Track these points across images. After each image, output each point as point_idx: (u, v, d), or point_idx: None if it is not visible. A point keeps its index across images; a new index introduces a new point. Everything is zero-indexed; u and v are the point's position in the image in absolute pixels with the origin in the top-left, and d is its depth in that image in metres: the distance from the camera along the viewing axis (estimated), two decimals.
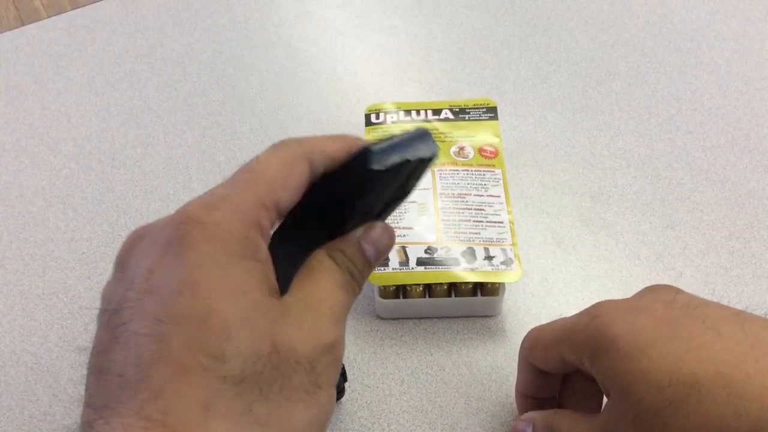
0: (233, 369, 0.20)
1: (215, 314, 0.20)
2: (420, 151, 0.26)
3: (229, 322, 0.20)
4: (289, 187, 0.24)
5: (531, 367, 0.34)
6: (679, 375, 0.25)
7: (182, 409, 0.19)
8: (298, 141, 0.25)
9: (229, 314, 0.20)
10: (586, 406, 0.33)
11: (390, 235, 0.27)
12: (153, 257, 0.21)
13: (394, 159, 0.25)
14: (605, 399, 0.33)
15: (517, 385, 0.36)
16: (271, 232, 0.25)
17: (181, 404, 0.19)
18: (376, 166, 0.24)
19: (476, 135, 0.47)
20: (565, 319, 0.32)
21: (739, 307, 0.28)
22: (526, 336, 0.34)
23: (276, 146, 0.25)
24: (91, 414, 0.20)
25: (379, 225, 0.27)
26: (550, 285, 0.44)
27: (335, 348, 0.23)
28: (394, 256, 0.41)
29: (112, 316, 0.21)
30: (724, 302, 0.29)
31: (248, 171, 0.24)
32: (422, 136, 0.26)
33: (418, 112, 0.48)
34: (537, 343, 0.33)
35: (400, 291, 0.42)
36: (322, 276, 0.25)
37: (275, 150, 0.25)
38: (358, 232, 0.27)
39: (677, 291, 0.30)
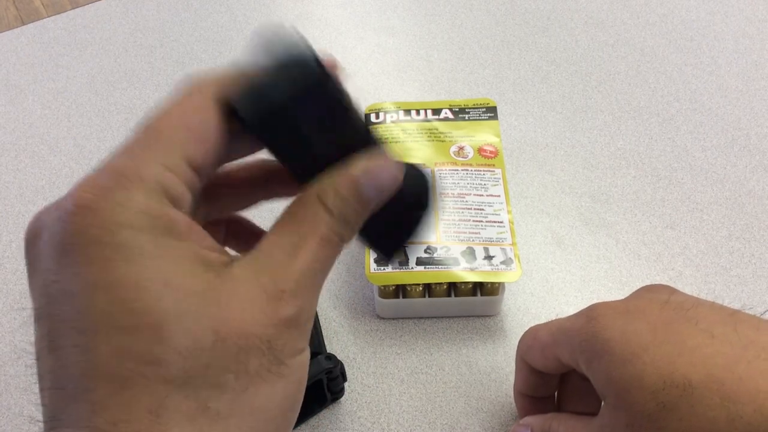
0: (174, 370, 0.18)
1: (139, 315, 0.18)
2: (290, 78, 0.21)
3: (156, 320, 0.18)
4: (202, 142, 0.20)
5: (528, 367, 0.34)
6: (672, 379, 0.25)
7: (131, 419, 0.17)
8: (210, 80, 0.21)
9: (154, 311, 0.18)
10: (584, 405, 0.33)
11: (391, 167, 0.23)
12: (55, 257, 0.18)
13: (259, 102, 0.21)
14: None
15: (515, 384, 0.36)
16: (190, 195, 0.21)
17: (128, 414, 0.17)
18: (246, 115, 0.20)
19: (476, 135, 0.47)
20: (561, 320, 0.32)
21: (737, 306, 0.28)
22: (522, 336, 0.34)
23: (183, 91, 0.21)
24: (44, 427, 0.18)
25: (374, 156, 0.22)
26: (550, 285, 0.44)
27: (299, 319, 0.20)
28: None
29: (37, 322, 0.19)
30: (725, 302, 0.29)
31: (146, 131, 0.20)
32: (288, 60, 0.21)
33: (417, 111, 0.48)
34: (533, 344, 0.33)
35: (400, 291, 0.42)
36: (301, 226, 0.21)
37: (182, 98, 0.21)
38: (354, 165, 0.22)
39: (672, 291, 0.30)
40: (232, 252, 0.23)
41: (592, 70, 0.59)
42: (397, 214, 0.25)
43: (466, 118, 0.48)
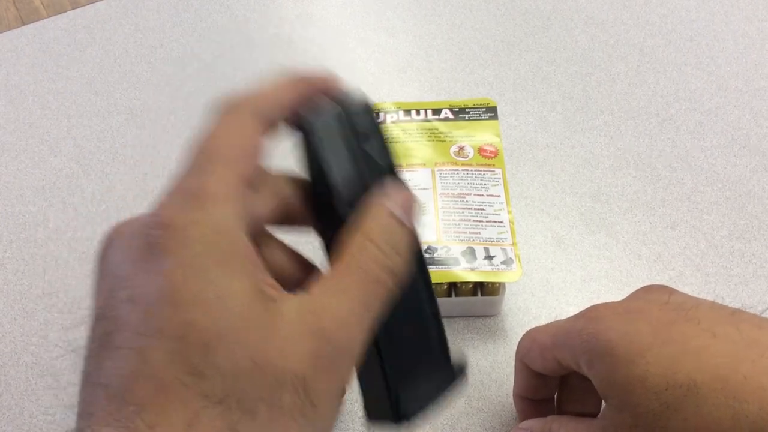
0: (214, 386, 0.19)
1: (193, 328, 0.19)
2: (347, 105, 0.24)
3: (206, 337, 0.19)
4: (250, 156, 0.22)
5: (528, 370, 0.34)
6: (675, 379, 0.25)
7: (167, 426, 0.18)
8: (246, 99, 0.23)
9: (206, 327, 0.19)
10: (584, 406, 0.33)
11: (407, 192, 0.23)
12: (130, 266, 0.20)
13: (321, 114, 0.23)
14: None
15: (514, 387, 0.36)
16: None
17: (166, 420, 0.18)
18: (311, 121, 0.23)
19: (476, 135, 0.47)
20: (560, 322, 0.32)
21: (737, 306, 0.28)
22: (521, 339, 0.34)
23: (223, 112, 0.23)
24: (80, 422, 0.19)
25: (390, 186, 0.23)
26: (550, 285, 0.44)
27: (337, 360, 0.20)
28: None
29: (98, 322, 0.20)
30: (725, 302, 0.29)
31: (205, 152, 0.22)
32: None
33: (417, 111, 0.48)
34: (533, 346, 0.33)
35: None
36: (349, 268, 0.21)
37: (221, 118, 0.22)
38: (384, 198, 0.23)
39: (671, 292, 0.30)
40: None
41: (592, 70, 0.59)
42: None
43: (466, 118, 0.48)
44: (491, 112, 0.48)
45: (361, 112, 0.24)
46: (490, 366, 0.41)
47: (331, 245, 0.23)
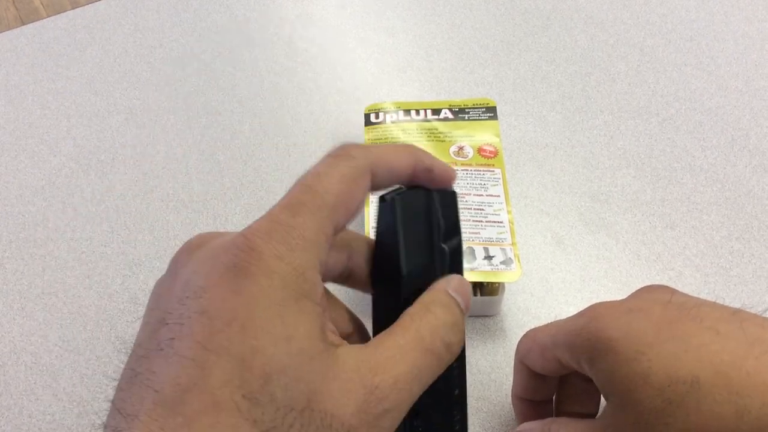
0: (264, 415, 0.19)
1: (258, 355, 0.19)
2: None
3: (269, 366, 0.19)
4: (351, 208, 0.23)
5: (527, 371, 0.33)
6: (678, 375, 0.25)
7: None
8: (362, 150, 0.24)
9: (271, 358, 0.19)
10: (583, 406, 0.33)
11: (468, 284, 0.25)
12: (209, 278, 0.20)
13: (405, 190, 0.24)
14: (602, 399, 0.33)
15: (513, 388, 0.36)
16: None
17: None
18: (391, 197, 0.24)
19: (476, 135, 0.47)
20: (560, 321, 0.31)
21: (737, 306, 0.28)
22: (521, 339, 0.34)
23: (337, 157, 0.23)
24: (120, 421, 0.19)
25: (454, 276, 0.25)
26: (550, 285, 0.44)
27: (383, 419, 0.21)
28: None
29: (160, 325, 0.20)
30: (725, 302, 0.29)
31: (310, 191, 0.22)
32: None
33: (417, 111, 0.48)
34: (533, 346, 0.32)
35: None
36: (408, 333, 0.22)
37: (337, 162, 0.23)
38: (441, 283, 0.25)
39: (673, 291, 0.30)
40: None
41: (592, 70, 0.59)
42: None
43: (466, 118, 0.48)
44: (491, 112, 0.48)
45: (450, 204, 0.25)
46: (489, 366, 0.41)
47: (380, 315, 0.25)
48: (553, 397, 0.35)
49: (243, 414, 0.19)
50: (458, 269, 0.26)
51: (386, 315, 0.24)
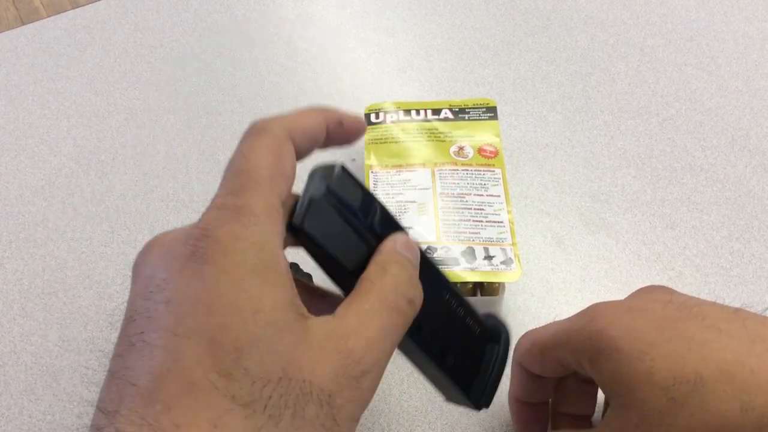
0: (242, 390, 0.19)
1: (227, 332, 0.19)
2: (323, 181, 0.25)
3: (240, 341, 0.19)
4: (286, 176, 0.23)
5: (525, 372, 0.33)
6: (682, 374, 0.25)
7: (193, 425, 0.19)
8: (276, 121, 0.24)
9: (241, 333, 0.20)
10: (580, 408, 0.33)
11: (412, 240, 0.26)
12: (170, 270, 0.21)
13: (304, 209, 0.24)
14: (599, 398, 0.33)
15: (510, 389, 0.35)
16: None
17: (192, 420, 0.19)
18: (299, 223, 0.24)
19: (476, 135, 0.47)
20: (559, 322, 0.31)
21: (737, 306, 0.28)
22: (519, 340, 0.34)
23: (255, 133, 0.23)
24: (101, 419, 0.20)
25: (397, 235, 0.25)
26: (550, 285, 0.44)
27: (362, 380, 0.21)
28: None
29: (129, 323, 0.21)
30: (725, 302, 0.29)
31: (243, 172, 0.22)
32: (317, 171, 0.25)
33: (417, 111, 0.48)
34: (532, 348, 0.32)
35: None
36: (370, 296, 0.23)
37: (257, 138, 0.23)
38: (392, 241, 0.25)
39: (672, 292, 0.30)
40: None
41: (592, 70, 0.59)
42: (474, 352, 0.29)
43: (466, 118, 0.48)
44: (491, 112, 0.48)
45: (347, 183, 0.25)
46: None
47: (341, 284, 0.25)
48: (550, 400, 0.35)
49: (220, 391, 0.19)
50: (397, 227, 0.26)
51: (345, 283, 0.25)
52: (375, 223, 0.25)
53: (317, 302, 0.26)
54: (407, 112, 0.48)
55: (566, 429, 0.33)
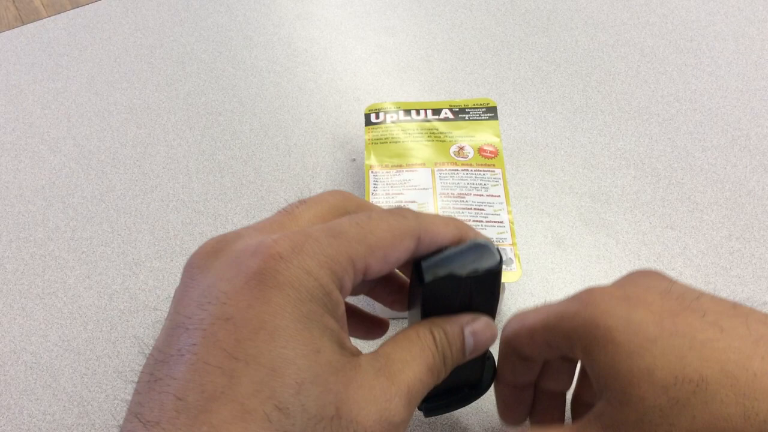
0: (295, 425, 0.19)
1: (289, 365, 0.19)
2: (472, 264, 0.26)
3: (301, 377, 0.19)
4: (388, 260, 0.23)
5: (513, 354, 0.32)
6: (684, 374, 0.24)
7: None
8: (416, 216, 0.25)
9: (302, 368, 0.20)
10: (558, 385, 0.32)
11: (492, 333, 0.27)
12: (234, 284, 0.20)
13: (441, 272, 0.25)
14: (576, 372, 0.33)
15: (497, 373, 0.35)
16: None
17: None
18: (427, 278, 0.25)
19: (476, 135, 0.47)
20: (552, 305, 0.30)
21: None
22: (508, 321, 0.32)
23: (393, 212, 0.24)
24: (138, 427, 0.19)
25: (483, 318, 0.27)
26: (550, 285, 0.44)
27: (399, 428, 0.22)
28: None
29: (180, 330, 0.20)
30: None
31: (357, 225, 0.23)
32: (477, 248, 0.27)
33: (417, 111, 0.48)
34: (521, 329, 0.31)
35: None
36: (414, 349, 0.24)
37: (390, 216, 0.24)
38: (465, 318, 0.27)
39: (669, 279, 0.29)
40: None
41: (592, 70, 0.59)
42: (456, 386, 0.31)
43: (466, 118, 0.48)
44: (491, 112, 0.48)
45: (487, 279, 0.27)
46: None
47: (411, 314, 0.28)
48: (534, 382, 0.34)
49: (273, 424, 0.19)
50: (490, 311, 0.28)
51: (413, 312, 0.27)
52: (473, 298, 0.27)
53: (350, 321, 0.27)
54: (407, 112, 0.48)
55: (556, 429, 0.32)
